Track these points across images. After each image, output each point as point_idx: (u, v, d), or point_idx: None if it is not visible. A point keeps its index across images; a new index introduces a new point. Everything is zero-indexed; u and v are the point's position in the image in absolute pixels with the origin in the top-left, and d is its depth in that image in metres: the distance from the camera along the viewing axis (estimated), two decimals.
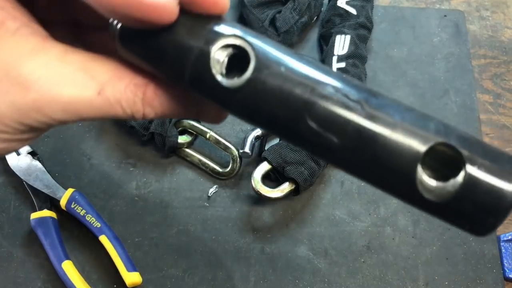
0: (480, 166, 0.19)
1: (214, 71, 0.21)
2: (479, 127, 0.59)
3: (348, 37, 0.57)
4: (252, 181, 0.50)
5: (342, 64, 0.56)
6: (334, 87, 0.20)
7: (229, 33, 0.21)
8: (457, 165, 0.19)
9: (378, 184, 0.21)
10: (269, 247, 0.52)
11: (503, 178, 0.19)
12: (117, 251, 0.48)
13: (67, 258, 0.48)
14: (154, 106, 0.24)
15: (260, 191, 0.50)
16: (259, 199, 0.53)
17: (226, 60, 0.21)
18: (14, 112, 0.22)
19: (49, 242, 0.48)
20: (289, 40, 0.59)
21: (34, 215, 0.50)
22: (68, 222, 0.51)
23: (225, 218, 0.53)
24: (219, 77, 0.21)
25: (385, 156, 0.19)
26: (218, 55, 0.21)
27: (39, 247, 0.49)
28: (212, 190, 0.54)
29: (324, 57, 0.58)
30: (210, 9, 0.22)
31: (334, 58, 0.57)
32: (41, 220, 0.49)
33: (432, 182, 0.20)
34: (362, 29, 0.58)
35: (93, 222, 0.50)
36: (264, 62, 0.21)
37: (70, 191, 0.51)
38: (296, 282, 0.51)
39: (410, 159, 0.19)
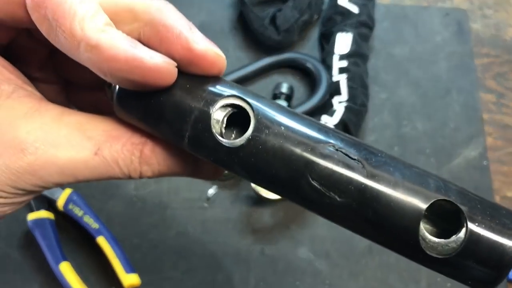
0: (480, 223, 0.20)
1: (214, 131, 0.21)
2: (482, 127, 0.58)
3: (349, 35, 0.57)
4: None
5: (344, 63, 0.56)
6: (334, 145, 0.21)
7: (229, 93, 0.22)
8: (457, 220, 0.20)
9: (380, 241, 0.21)
10: (269, 249, 0.51)
11: (503, 234, 0.20)
12: (115, 253, 0.48)
13: (65, 259, 0.48)
14: (152, 164, 0.24)
15: (260, 192, 0.50)
16: (259, 200, 0.53)
17: (225, 119, 0.22)
18: (7, 176, 0.22)
19: (47, 243, 0.48)
20: (289, 38, 0.59)
21: (31, 216, 0.49)
22: (65, 223, 0.51)
23: (224, 220, 0.52)
24: (219, 137, 0.21)
25: (388, 215, 0.20)
26: (218, 115, 0.21)
27: (36, 248, 0.49)
28: (211, 191, 0.54)
29: (325, 56, 0.59)
30: (208, 70, 0.22)
31: (335, 57, 0.57)
32: (39, 221, 0.49)
33: (434, 239, 0.20)
34: (363, 28, 0.58)
35: (91, 223, 0.50)
36: (263, 122, 0.21)
37: (67, 191, 0.51)
38: (296, 284, 0.50)
39: (412, 217, 0.20)
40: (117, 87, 0.23)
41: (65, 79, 0.29)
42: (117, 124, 0.24)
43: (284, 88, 0.56)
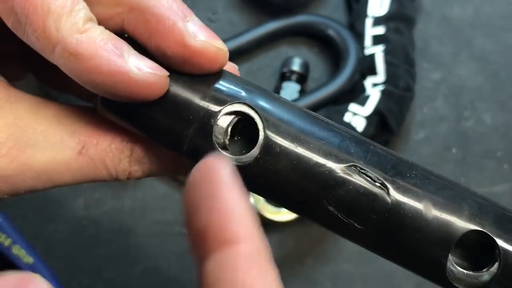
0: None
1: (217, 146, 0.23)
2: None
3: None
4: (251, 198, 0.47)
5: (380, 30, 0.51)
6: (355, 165, 0.22)
7: (234, 99, 0.23)
8: (491, 250, 0.22)
9: (405, 266, 0.24)
10: None
11: None
12: None
13: None
14: (143, 164, 0.25)
15: (263, 212, 0.47)
16: (262, 224, 0.46)
17: (229, 129, 0.23)
18: None
19: None
20: None
21: None
22: None
23: None
24: (223, 153, 0.23)
25: (413, 246, 0.22)
26: (221, 124, 0.23)
27: None
28: None
29: (353, 20, 0.53)
30: (207, 69, 0.23)
31: (368, 21, 0.52)
32: None
33: (463, 271, 0.22)
34: None
35: (22, 257, 0.45)
36: (275, 138, 0.22)
37: None
38: None
39: (440, 250, 0.22)
40: None
41: (26, 51, 0.27)
42: (101, 117, 0.24)
43: (296, 65, 0.51)
